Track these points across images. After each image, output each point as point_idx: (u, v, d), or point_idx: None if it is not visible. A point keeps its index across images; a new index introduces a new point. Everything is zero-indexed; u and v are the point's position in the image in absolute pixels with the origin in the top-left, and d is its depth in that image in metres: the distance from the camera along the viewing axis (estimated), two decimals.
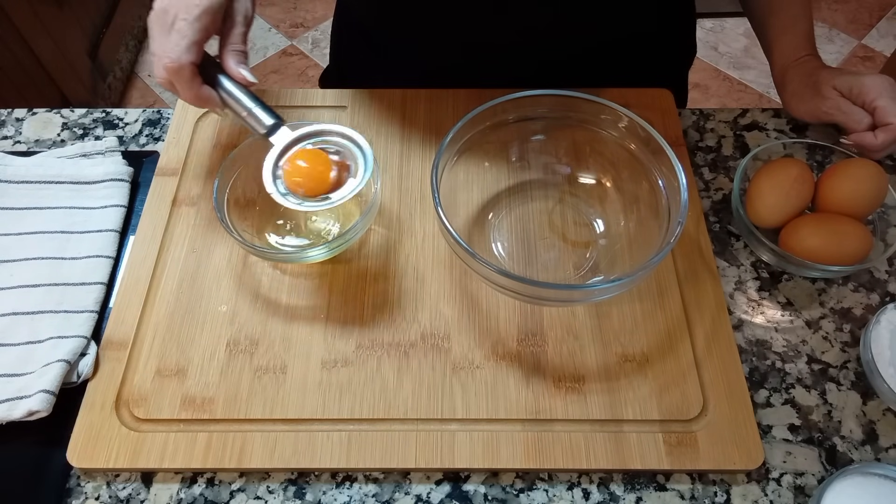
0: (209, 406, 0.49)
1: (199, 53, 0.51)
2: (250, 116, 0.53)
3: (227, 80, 0.53)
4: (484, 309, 0.54)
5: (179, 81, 0.51)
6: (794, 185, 0.57)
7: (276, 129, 0.53)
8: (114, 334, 0.53)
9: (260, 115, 0.53)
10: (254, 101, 0.53)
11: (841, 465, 0.49)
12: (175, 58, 0.50)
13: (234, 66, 0.52)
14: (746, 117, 0.69)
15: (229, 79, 0.53)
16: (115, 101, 1.82)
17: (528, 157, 0.61)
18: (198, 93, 0.52)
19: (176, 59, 0.50)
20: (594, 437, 0.48)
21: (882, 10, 2.07)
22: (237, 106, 0.53)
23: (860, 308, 0.57)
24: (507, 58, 0.67)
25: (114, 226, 0.59)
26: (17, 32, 1.40)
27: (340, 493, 0.48)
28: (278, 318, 0.54)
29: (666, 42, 0.74)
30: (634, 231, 0.56)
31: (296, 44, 2.01)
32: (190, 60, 0.50)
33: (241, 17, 0.54)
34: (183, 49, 0.50)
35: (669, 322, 0.54)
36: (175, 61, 0.50)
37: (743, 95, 1.86)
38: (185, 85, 0.51)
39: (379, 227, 0.59)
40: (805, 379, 0.53)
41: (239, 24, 0.54)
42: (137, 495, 0.48)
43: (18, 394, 0.49)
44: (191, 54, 0.50)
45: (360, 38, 0.77)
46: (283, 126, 0.53)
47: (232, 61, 0.53)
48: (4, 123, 0.68)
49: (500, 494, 0.48)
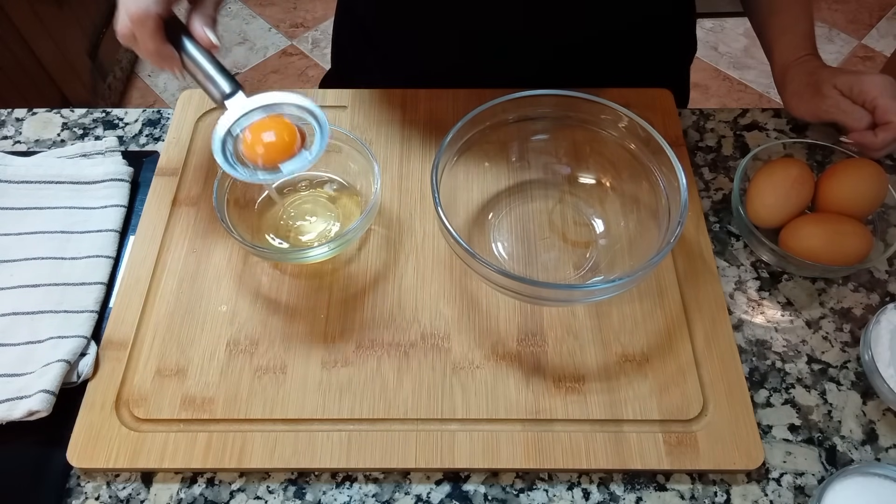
0: (209, 406, 0.49)
1: (166, 8, 0.49)
2: (208, 80, 0.51)
3: (190, 43, 0.51)
4: (484, 309, 0.54)
5: (142, 32, 0.48)
6: (794, 185, 0.57)
7: (232, 96, 0.51)
8: (114, 334, 0.53)
9: (218, 80, 0.51)
10: (214, 65, 0.51)
11: (841, 465, 0.49)
12: (142, 6, 0.47)
13: (200, 27, 0.51)
14: (746, 117, 0.69)
15: (193, 42, 0.51)
16: (115, 101, 1.82)
17: (528, 157, 0.61)
18: (159, 48, 0.49)
19: (143, 8, 0.47)
20: (594, 437, 0.48)
21: (882, 10, 2.07)
22: (196, 69, 0.51)
23: (860, 308, 0.57)
24: (508, 54, 0.67)
25: (114, 226, 0.59)
26: (17, 32, 1.40)
27: (340, 493, 0.48)
28: (278, 318, 0.54)
29: (666, 34, 0.74)
30: (634, 231, 0.56)
31: (296, 44, 2.01)
32: (157, 12, 0.48)
33: None
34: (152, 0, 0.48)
35: (669, 322, 0.54)
36: (141, 9, 0.47)
37: (743, 95, 1.86)
38: (147, 36, 0.48)
39: (379, 227, 0.59)
40: (805, 379, 0.53)
41: None
42: (137, 495, 0.48)
43: (18, 394, 0.49)
44: (159, 6, 0.48)
45: (361, 38, 0.77)
46: (240, 92, 0.51)
47: (198, 22, 0.51)
48: (4, 123, 0.68)
49: (500, 494, 0.48)
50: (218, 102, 0.51)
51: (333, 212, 0.59)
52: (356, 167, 0.58)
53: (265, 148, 0.49)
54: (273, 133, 0.49)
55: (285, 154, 0.49)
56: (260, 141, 0.49)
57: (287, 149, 0.49)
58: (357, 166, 0.58)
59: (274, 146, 0.49)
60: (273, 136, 0.49)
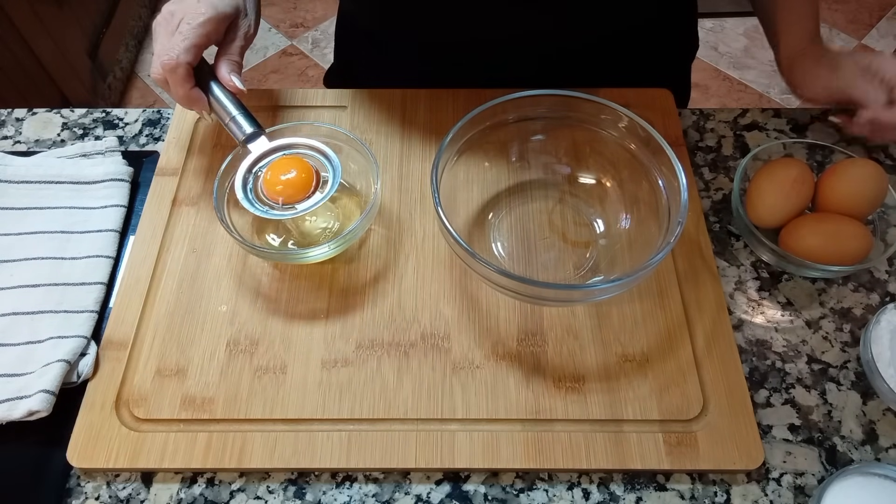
0: (209, 406, 0.49)
1: (196, 56, 0.54)
2: (233, 122, 0.55)
3: (217, 87, 0.56)
4: (484, 309, 0.54)
5: (173, 78, 0.53)
6: (794, 185, 0.57)
7: (255, 138, 0.55)
8: (114, 334, 0.53)
9: (242, 122, 0.55)
10: (238, 108, 0.55)
11: (841, 465, 0.49)
12: (174, 56, 0.52)
13: (226, 73, 0.56)
14: (746, 117, 0.69)
15: (220, 85, 0.56)
16: (115, 101, 1.82)
17: (528, 157, 0.61)
18: (188, 92, 0.54)
19: (174, 57, 0.52)
20: (594, 437, 0.48)
21: (882, 10, 2.07)
22: (222, 111, 0.56)
23: (860, 308, 0.57)
24: (509, 53, 0.67)
25: (114, 226, 0.59)
26: (17, 32, 1.40)
27: (340, 493, 0.48)
28: (278, 318, 0.54)
29: (667, 33, 0.74)
30: (634, 231, 0.56)
31: (296, 44, 2.01)
32: (186, 60, 0.53)
33: (241, 33, 0.58)
34: (182, 49, 0.53)
35: (669, 322, 0.54)
36: (172, 59, 0.52)
37: (743, 95, 1.86)
38: (177, 82, 0.53)
39: (379, 227, 0.59)
40: (805, 379, 0.53)
41: (239, 38, 0.57)
42: (137, 495, 0.48)
43: (18, 394, 0.49)
44: (188, 55, 0.53)
45: (362, 36, 0.77)
46: (262, 136, 0.55)
47: (225, 68, 0.56)
48: (4, 123, 0.68)
49: (500, 494, 0.48)
50: (241, 143, 0.55)
51: (333, 212, 0.59)
52: (356, 167, 0.58)
53: (284, 185, 0.53)
54: (292, 172, 0.53)
55: (302, 191, 0.53)
56: (279, 179, 0.53)
57: (304, 186, 0.53)
58: (357, 166, 0.58)
59: (292, 184, 0.53)
60: (292, 174, 0.53)
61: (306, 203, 0.52)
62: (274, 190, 0.53)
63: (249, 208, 0.52)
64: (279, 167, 0.54)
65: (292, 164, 0.54)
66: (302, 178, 0.53)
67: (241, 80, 0.56)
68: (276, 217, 0.53)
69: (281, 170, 0.53)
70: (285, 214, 0.53)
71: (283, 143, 0.56)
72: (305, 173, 0.53)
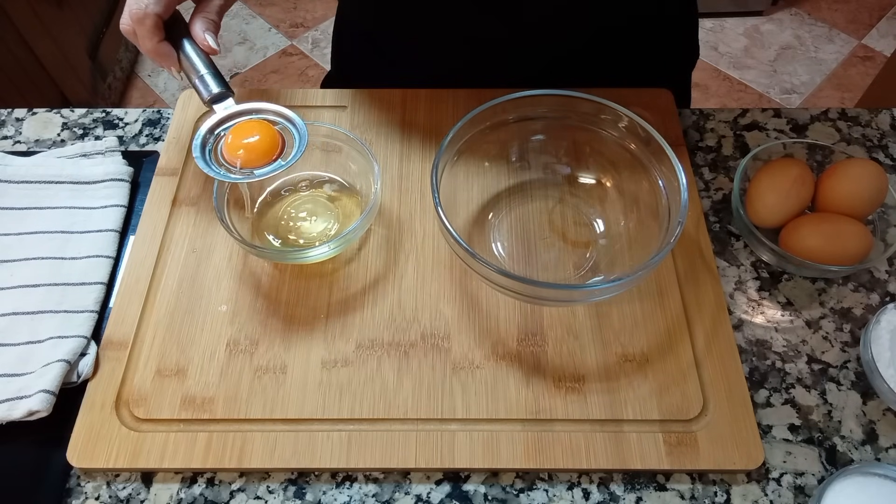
0: (209, 406, 0.49)
1: (167, 9, 0.52)
2: (200, 81, 0.53)
3: (189, 44, 0.53)
4: (484, 309, 0.54)
5: (141, 30, 0.51)
6: (794, 185, 0.57)
7: (221, 99, 0.53)
8: (114, 334, 0.53)
9: (209, 81, 0.53)
10: (208, 68, 0.53)
11: (841, 465, 0.49)
12: (143, 6, 0.51)
13: (200, 31, 0.53)
14: (746, 117, 0.69)
15: (193, 43, 0.53)
16: (115, 101, 1.82)
17: (528, 157, 0.61)
18: (156, 46, 0.52)
19: (143, 7, 0.51)
20: (594, 437, 0.48)
21: (882, 10, 2.07)
22: (191, 69, 0.53)
23: (860, 308, 0.57)
24: (509, 52, 0.67)
25: (114, 226, 0.59)
26: (17, 32, 1.40)
27: (340, 493, 0.48)
28: (278, 318, 0.54)
29: (668, 35, 0.73)
30: (634, 231, 0.56)
31: (296, 44, 2.01)
32: (155, 12, 0.51)
33: None
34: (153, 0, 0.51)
35: (669, 322, 0.54)
36: (141, 9, 0.51)
37: (743, 95, 1.86)
38: (145, 34, 0.52)
39: (379, 227, 0.59)
40: (805, 379, 0.53)
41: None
42: (137, 495, 0.48)
43: (18, 394, 0.49)
44: (158, 6, 0.51)
45: (361, 39, 0.77)
46: (230, 97, 0.53)
47: (199, 26, 0.53)
48: (4, 123, 0.68)
49: (500, 494, 0.48)
50: (206, 104, 0.53)
51: (333, 212, 0.59)
52: (356, 167, 0.58)
53: (245, 149, 0.50)
54: (255, 136, 0.51)
55: (264, 157, 0.51)
56: (241, 143, 0.51)
57: (266, 152, 0.51)
58: (357, 166, 0.58)
59: (253, 148, 0.51)
60: (255, 138, 0.51)
61: (265, 169, 0.50)
62: (234, 153, 0.50)
63: (204, 168, 0.50)
64: (242, 130, 0.51)
65: (257, 129, 0.51)
66: (265, 143, 0.51)
67: (215, 40, 0.53)
68: (229, 180, 0.50)
69: (244, 133, 0.51)
70: (240, 178, 0.50)
71: (250, 108, 0.53)
72: (270, 139, 0.51)
